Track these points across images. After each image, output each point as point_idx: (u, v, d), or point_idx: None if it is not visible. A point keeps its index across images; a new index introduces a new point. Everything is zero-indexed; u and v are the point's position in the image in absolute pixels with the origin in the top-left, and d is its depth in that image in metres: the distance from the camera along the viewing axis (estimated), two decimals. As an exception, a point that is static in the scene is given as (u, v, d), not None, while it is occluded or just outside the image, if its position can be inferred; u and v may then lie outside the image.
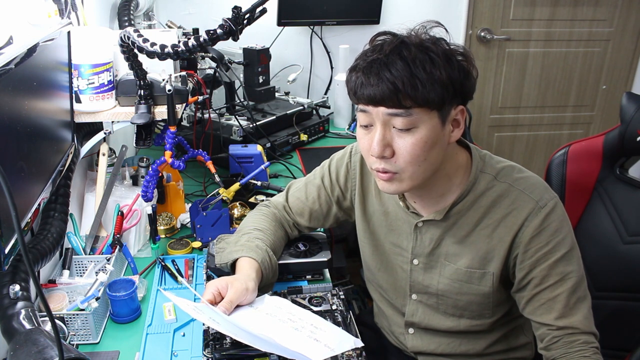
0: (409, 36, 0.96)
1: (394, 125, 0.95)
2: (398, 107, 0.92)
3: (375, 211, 1.20)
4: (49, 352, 0.83)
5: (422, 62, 0.91)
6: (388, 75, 0.91)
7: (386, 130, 0.96)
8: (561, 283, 1.01)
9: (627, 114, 1.35)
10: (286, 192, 1.32)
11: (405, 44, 0.93)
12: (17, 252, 0.89)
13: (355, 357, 1.05)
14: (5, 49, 0.92)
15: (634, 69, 3.01)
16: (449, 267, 1.10)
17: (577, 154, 1.43)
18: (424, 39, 0.95)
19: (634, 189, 1.37)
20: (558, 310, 1.00)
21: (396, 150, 0.97)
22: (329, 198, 1.26)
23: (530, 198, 1.02)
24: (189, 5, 2.42)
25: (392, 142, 0.96)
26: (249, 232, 1.22)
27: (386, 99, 0.92)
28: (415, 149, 0.95)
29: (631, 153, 1.38)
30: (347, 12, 2.51)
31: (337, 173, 1.25)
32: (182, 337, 1.13)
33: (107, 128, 1.40)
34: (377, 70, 0.92)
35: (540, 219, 1.01)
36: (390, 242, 1.18)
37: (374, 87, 0.92)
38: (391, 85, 0.91)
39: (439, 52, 0.93)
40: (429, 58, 0.92)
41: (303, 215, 1.29)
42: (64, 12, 1.30)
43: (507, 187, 1.05)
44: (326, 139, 2.31)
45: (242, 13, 1.03)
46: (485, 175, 1.06)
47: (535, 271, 1.02)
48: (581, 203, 1.41)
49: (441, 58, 0.92)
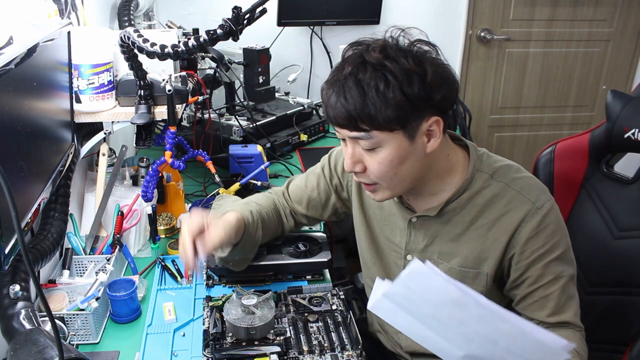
0: (374, 49, 0.93)
1: (359, 144, 0.97)
2: (357, 130, 0.94)
3: (371, 204, 1.20)
4: (49, 352, 0.83)
5: (376, 85, 0.90)
6: (343, 101, 0.92)
7: (355, 148, 0.99)
8: (555, 282, 1.03)
9: (613, 112, 1.36)
10: (287, 182, 1.34)
11: (363, 65, 0.92)
12: (17, 252, 0.89)
13: (355, 357, 1.05)
14: (5, 49, 0.92)
15: (634, 69, 3.01)
16: (442, 265, 1.10)
17: (564, 152, 1.44)
18: (383, 56, 0.91)
19: (621, 185, 1.38)
20: (550, 308, 1.03)
21: (367, 166, 0.99)
22: (327, 187, 1.27)
23: (527, 199, 1.02)
24: (189, 5, 2.42)
25: (362, 159, 0.99)
26: (250, 200, 1.29)
27: (345, 124, 0.94)
28: (382, 167, 0.97)
29: (618, 149, 1.40)
30: (347, 12, 2.51)
31: (335, 163, 1.25)
32: (182, 337, 1.13)
33: (107, 128, 1.40)
34: (336, 94, 0.93)
35: (537, 220, 1.01)
36: (384, 237, 1.18)
37: (333, 110, 0.94)
38: (346, 112, 0.92)
39: (397, 72, 0.90)
40: (384, 80, 0.90)
41: (301, 202, 1.29)
42: (64, 12, 1.30)
43: (504, 186, 1.04)
44: (326, 139, 2.31)
45: (242, 13, 1.03)
46: (482, 174, 1.06)
47: (531, 271, 1.03)
48: (569, 200, 1.42)
49: (399, 77, 0.90)
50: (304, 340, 1.09)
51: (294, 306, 1.19)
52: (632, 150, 1.37)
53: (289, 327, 1.12)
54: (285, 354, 1.05)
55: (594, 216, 1.40)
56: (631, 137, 1.33)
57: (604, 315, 1.38)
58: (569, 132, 3.12)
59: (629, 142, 1.34)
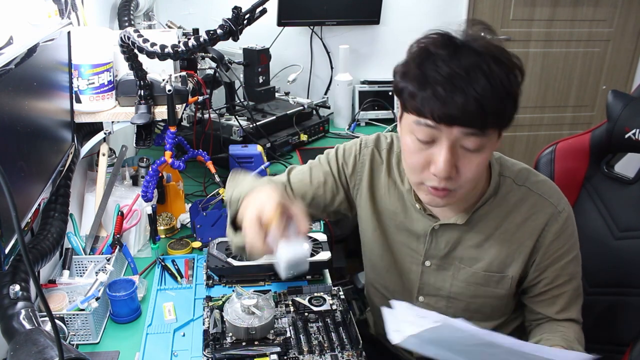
0: (476, 41, 0.88)
1: (462, 145, 0.89)
2: (478, 127, 0.86)
3: (384, 210, 1.16)
4: (49, 352, 0.83)
5: (501, 79, 0.85)
6: (474, 94, 0.83)
7: (454, 150, 0.90)
8: (568, 282, 1.06)
9: (614, 111, 1.37)
10: (287, 174, 1.23)
11: (482, 57, 0.86)
12: (17, 252, 0.89)
13: (355, 357, 1.05)
14: (5, 49, 0.92)
15: (634, 69, 3.01)
16: (464, 270, 1.09)
17: (565, 152, 1.44)
18: (495, 49, 0.87)
19: (622, 185, 1.38)
20: (560, 305, 1.06)
21: (460, 170, 0.91)
22: (335, 185, 1.19)
23: (550, 203, 1.04)
24: (189, 5, 2.42)
25: (457, 162, 0.91)
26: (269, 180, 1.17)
27: (471, 119, 0.85)
28: (479, 168, 0.92)
29: (618, 149, 1.40)
30: (347, 12, 2.51)
31: (344, 161, 1.19)
32: (182, 337, 1.14)
33: (107, 128, 1.40)
34: (461, 88, 0.84)
35: (560, 224, 1.03)
36: (400, 243, 1.15)
37: (457, 106, 0.84)
38: (479, 107, 0.84)
39: (510, 66, 0.87)
40: (505, 74, 0.86)
41: (305, 197, 1.19)
42: (64, 12, 1.30)
43: (526, 190, 1.05)
44: (326, 139, 2.31)
45: (242, 13, 1.03)
46: (506, 178, 1.06)
47: (548, 272, 1.05)
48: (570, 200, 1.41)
49: (511, 72, 0.87)
50: (304, 340, 1.09)
51: (294, 306, 1.19)
52: (632, 151, 1.37)
53: (289, 327, 1.12)
54: (285, 354, 1.05)
55: (594, 216, 1.40)
56: (632, 138, 1.33)
57: (604, 315, 1.38)
58: (569, 132, 3.12)
59: (630, 142, 1.34)
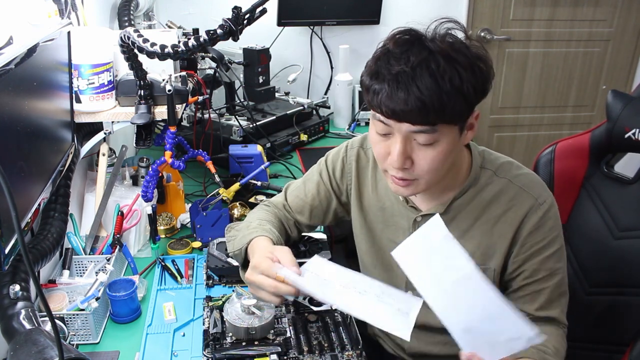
0: (433, 40, 0.91)
1: (415, 139, 0.93)
2: (424, 124, 0.89)
3: (371, 206, 1.19)
4: (49, 352, 0.83)
5: (450, 76, 0.87)
6: (416, 91, 0.86)
7: (407, 143, 0.93)
8: (549, 278, 1.06)
9: (614, 111, 1.37)
10: (284, 192, 1.31)
11: (432, 55, 0.88)
12: (17, 252, 0.89)
13: (355, 357, 1.05)
14: (5, 49, 0.92)
15: (634, 69, 3.00)
16: None
17: (564, 152, 1.44)
18: (449, 47, 0.90)
19: (621, 185, 1.39)
20: (540, 302, 1.06)
21: (415, 161, 0.95)
22: (328, 193, 1.25)
23: (530, 195, 1.04)
24: (189, 5, 2.42)
25: (412, 154, 0.95)
26: (257, 220, 1.20)
27: (413, 117, 0.88)
28: (435, 162, 0.94)
29: (618, 149, 1.41)
30: (347, 12, 2.51)
31: (333, 167, 1.24)
32: (182, 337, 1.14)
33: (107, 128, 1.40)
34: (404, 85, 0.87)
35: (538, 216, 1.03)
36: (387, 238, 1.18)
37: (400, 102, 0.87)
38: (420, 103, 0.86)
39: (464, 63, 0.88)
40: (456, 71, 0.87)
41: (303, 213, 1.27)
42: (64, 12, 1.30)
43: (507, 182, 1.06)
44: (326, 139, 2.31)
45: (242, 13, 1.03)
46: (486, 170, 1.08)
47: (527, 264, 1.06)
48: (570, 200, 1.42)
49: (467, 70, 0.88)
50: (304, 341, 1.09)
51: (294, 306, 1.19)
52: (632, 151, 1.37)
53: (289, 327, 1.12)
54: (285, 354, 1.05)
55: (594, 216, 1.40)
56: (632, 137, 1.33)
57: (604, 315, 1.39)
58: (568, 132, 3.12)
59: (630, 142, 1.34)
